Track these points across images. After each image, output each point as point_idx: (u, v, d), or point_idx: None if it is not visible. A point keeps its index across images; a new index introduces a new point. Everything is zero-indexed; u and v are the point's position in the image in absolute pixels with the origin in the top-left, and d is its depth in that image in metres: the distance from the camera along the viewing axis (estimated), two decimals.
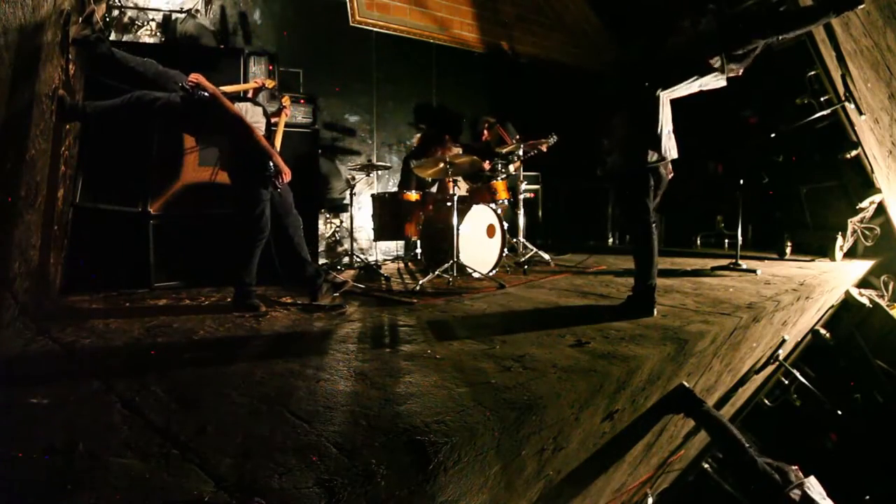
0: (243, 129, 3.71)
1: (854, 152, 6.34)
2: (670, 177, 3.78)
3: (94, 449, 1.75)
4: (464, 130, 7.89)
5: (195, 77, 3.68)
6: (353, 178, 6.19)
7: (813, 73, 6.39)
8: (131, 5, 5.13)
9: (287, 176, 3.83)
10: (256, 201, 3.78)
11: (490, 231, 5.49)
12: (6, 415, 2.01)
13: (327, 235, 6.66)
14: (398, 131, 7.31)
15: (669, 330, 3.28)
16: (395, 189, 7.01)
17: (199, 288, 4.60)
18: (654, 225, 3.66)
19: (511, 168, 6.08)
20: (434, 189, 6.44)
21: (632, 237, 4.01)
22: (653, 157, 3.57)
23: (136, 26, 5.19)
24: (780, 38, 3.41)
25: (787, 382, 6.08)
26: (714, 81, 3.58)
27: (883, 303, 6.10)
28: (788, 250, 6.73)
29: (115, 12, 5.04)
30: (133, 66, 3.70)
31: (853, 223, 6.51)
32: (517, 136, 6.21)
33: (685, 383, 3.37)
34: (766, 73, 6.61)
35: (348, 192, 6.13)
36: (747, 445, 3.43)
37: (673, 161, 3.72)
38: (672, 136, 3.67)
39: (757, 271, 5.45)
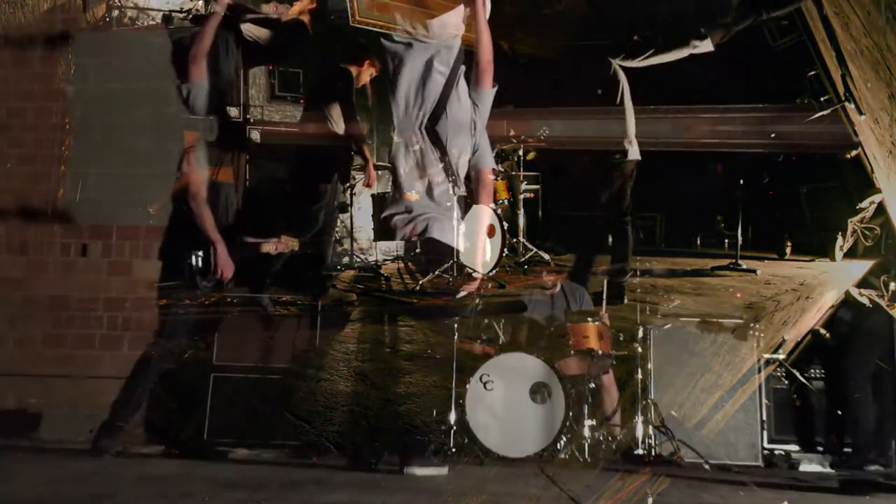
0: None
1: (854, 152, 6.34)
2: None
3: (94, 450, 1.75)
4: None
5: None
6: (354, 178, 6.17)
7: (813, 73, 6.38)
8: (131, 5, 5.12)
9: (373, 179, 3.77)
10: (319, 198, 3.76)
11: (490, 231, 5.48)
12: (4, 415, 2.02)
13: None
14: None
15: (670, 330, 3.28)
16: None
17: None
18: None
19: (500, 166, 6.09)
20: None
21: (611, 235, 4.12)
22: (632, 153, 3.61)
23: (136, 26, 5.18)
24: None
25: (787, 382, 6.07)
26: (704, 45, 3.65)
27: (883, 303, 6.09)
28: (788, 250, 6.72)
29: (115, 12, 5.03)
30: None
31: (853, 223, 6.50)
32: (511, 134, 6.21)
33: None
34: (766, 72, 6.61)
35: (348, 191, 6.12)
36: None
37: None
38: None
39: (757, 271, 5.45)
